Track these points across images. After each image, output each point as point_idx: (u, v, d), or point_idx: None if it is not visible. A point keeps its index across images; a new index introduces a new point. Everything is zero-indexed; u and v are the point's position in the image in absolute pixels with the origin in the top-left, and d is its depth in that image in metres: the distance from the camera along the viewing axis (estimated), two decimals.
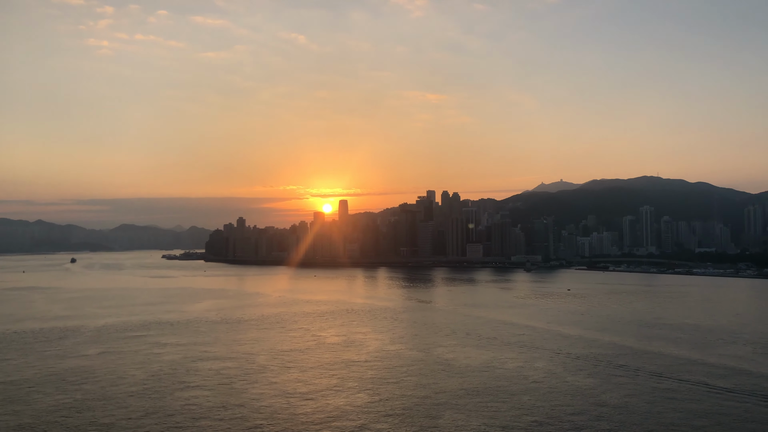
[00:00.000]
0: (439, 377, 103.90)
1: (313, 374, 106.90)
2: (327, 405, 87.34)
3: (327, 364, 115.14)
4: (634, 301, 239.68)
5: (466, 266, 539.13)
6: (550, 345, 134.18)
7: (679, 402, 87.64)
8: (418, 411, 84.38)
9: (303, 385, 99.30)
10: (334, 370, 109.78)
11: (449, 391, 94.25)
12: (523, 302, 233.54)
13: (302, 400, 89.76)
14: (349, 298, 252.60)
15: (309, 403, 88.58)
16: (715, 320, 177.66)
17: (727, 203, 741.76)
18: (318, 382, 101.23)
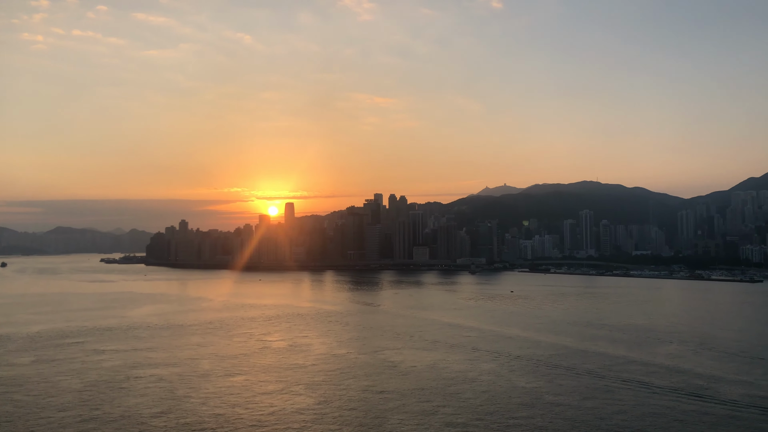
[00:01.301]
0: (386, 380, 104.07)
1: (258, 379, 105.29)
2: (272, 410, 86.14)
3: (272, 369, 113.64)
4: (574, 302, 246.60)
5: (412, 269, 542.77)
6: (495, 346, 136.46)
7: (617, 400, 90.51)
8: (364, 413, 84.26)
9: (248, 390, 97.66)
10: (279, 375, 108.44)
11: (395, 393, 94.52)
12: (468, 304, 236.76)
13: (247, 406, 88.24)
14: (295, 302, 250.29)
15: (254, 408, 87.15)
16: (652, 320, 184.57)
17: (662, 208, 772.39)
18: (263, 387, 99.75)
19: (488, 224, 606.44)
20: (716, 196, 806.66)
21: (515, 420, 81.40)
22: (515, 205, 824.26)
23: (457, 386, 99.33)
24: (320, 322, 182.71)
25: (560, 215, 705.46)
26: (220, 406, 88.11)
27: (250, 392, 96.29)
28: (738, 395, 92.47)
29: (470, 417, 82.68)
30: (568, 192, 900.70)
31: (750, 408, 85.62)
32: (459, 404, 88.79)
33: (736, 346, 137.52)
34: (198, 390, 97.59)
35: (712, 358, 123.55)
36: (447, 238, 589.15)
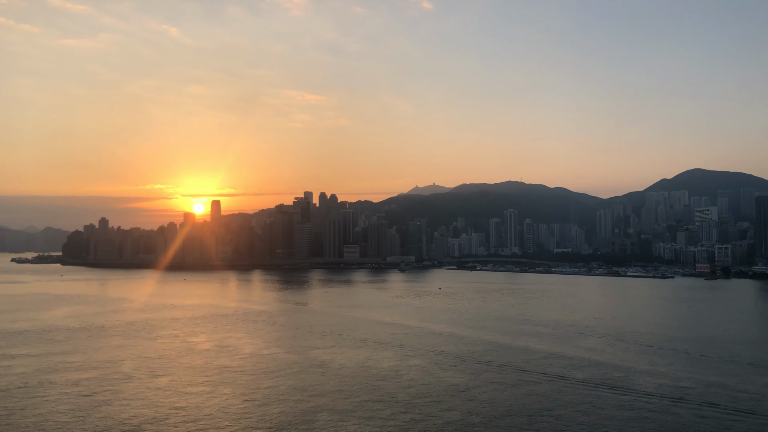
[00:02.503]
0: (315, 379, 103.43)
1: (184, 381, 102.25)
2: (199, 413, 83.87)
3: (198, 371, 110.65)
4: (499, 298, 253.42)
5: (342, 267, 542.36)
6: (423, 343, 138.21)
7: (541, 394, 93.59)
8: (292, 413, 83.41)
9: (173, 393, 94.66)
10: (206, 377, 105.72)
11: (325, 393, 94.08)
12: (397, 302, 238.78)
13: (172, 409, 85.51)
14: (221, 301, 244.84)
15: (179, 411, 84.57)
16: (572, 315, 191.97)
17: (581, 207, 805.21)
18: (189, 389, 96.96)
19: (418, 223, 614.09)
20: (632, 197, 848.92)
21: (442, 415, 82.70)
22: (444, 204, 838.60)
23: (386, 383, 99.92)
24: (248, 322, 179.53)
25: (487, 214, 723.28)
26: (143, 409, 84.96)
27: (175, 394, 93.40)
28: (651, 386, 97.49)
29: (398, 413, 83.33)
30: (494, 192, 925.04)
31: (662, 398, 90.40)
32: (388, 401, 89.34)
33: (650, 339, 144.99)
34: (119, 393, 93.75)
35: (628, 350, 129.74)
36: (377, 236, 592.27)
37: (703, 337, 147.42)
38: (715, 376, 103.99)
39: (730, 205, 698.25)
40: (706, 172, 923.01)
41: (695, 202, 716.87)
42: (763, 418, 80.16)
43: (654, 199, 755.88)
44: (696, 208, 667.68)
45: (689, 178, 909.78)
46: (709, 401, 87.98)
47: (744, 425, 77.84)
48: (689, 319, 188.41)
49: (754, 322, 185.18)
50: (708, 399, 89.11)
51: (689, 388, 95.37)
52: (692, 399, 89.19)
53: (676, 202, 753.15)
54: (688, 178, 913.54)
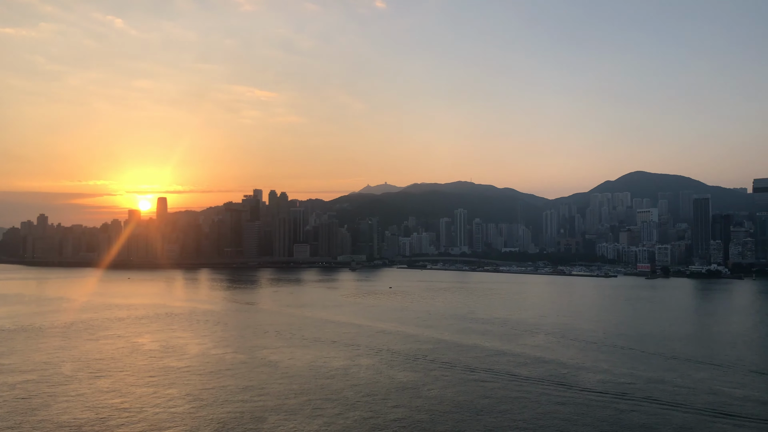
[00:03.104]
0: (264, 379, 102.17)
1: (128, 383, 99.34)
2: (144, 415, 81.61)
3: (143, 372, 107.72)
4: (449, 297, 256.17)
5: (293, 266, 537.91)
6: (374, 342, 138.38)
7: (488, 391, 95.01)
8: (241, 414, 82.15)
9: (116, 395, 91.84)
10: (151, 378, 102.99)
11: (274, 393, 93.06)
12: (348, 301, 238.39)
13: (115, 411, 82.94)
14: (167, 301, 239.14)
15: (123, 414, 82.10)
16: (520, 313, 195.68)
17: (529, 207, 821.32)
18: (133, 391, 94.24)
19: (369, 222, 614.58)
20: (577, 198, 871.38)
21: (391, 411, 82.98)
22: (395, 204, 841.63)
23: (335, 382, 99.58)
24: (195, 321, 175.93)
25: (437, 214, 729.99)
26: (85, 412, 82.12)
27: (118, 396, 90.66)
28: (595, 382, 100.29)
29: (347, 411, 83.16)
30: (445, 191, 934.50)
31: (605, 394, 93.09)
32: (337, 399, 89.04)
33: (594, 336, 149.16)
34: (59, 396, 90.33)
35: (573, 347, 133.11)
36: (328, 235, 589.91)
37: (644, 334, 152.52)
38: (656, 372, 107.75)
39: (669, 207, 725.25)
40: (648, 175, 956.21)
41: (637, 204, 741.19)
42: (698, 413, 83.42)
43: (598, 201, 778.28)
44: (638, 210, 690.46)
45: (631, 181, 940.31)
46: (649, 396, 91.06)
47: (681, 419, 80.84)
48: (631, 316, 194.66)
49: (690, 320, 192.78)
50: (648, 394, 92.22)
51: (631, 384, 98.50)
52: (634, 395, 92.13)
53: (619, 203, 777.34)
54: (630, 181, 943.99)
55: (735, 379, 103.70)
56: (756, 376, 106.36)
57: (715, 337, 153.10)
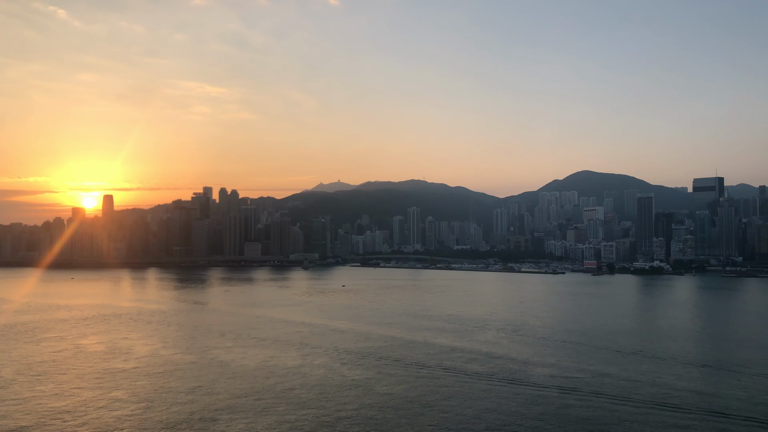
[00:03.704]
0: (215, 380, 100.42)
1: (72, 386, 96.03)
2: (87, 418, 79.04)
3: (87, 375, 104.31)
4: (402, 294, 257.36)
5: (243, 265, 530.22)
6: (327, 340, 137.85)
7: (439, 387, 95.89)
8: (191, 415, 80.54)
9: (59, 398, 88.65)
10: (97, 381, 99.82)
11: (225, 393, 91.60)
12: (300, 300, 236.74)
13: (57, 415, 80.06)
14: (113, 301, 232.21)
15: (66, 417, 79.33)
16: (472, 310, 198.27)
17: (480, 206, 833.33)
18: (78, 394, 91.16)
19: (322, 220, 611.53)
20: (527, 196, 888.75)
21: (346, 411, 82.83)
22: (348, 202, 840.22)
23: (289, 382, 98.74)
24: (142, 322, 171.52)
25: (390, 212, 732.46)
26: (25, 416, 78.95)
27: (61, 399, 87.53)
28: (544, 376, 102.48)
29: (302, 412, 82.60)
30: (398, 190, 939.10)
31: (552, 388, 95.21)
32: (291, 400, 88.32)
33: (543, 332, 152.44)
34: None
35: (523, 343, 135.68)
36: (280, 233, 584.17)
37: (590, 329, 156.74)
38: (602, 366, 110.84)
39: (615, 205, 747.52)
40: (594, 174, 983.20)
41: (584, 202, 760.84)
42: (641, 404, 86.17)
43: (546, 199, 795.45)
44: (584, 208, 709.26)
45: (579, 180, 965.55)
46: (596, 390, 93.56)
47: (626, 412, 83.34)
48: (578, 312, 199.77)
49: (634, 315, 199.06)
50: (595, 388, 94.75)
51: (579, 378, 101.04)
52: (581, 389, 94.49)
53: (566, 201, 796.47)
54: (577, 180, 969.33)
55: (676, 371, 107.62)
56: (695, 368, 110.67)
57: (657, 331, 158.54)
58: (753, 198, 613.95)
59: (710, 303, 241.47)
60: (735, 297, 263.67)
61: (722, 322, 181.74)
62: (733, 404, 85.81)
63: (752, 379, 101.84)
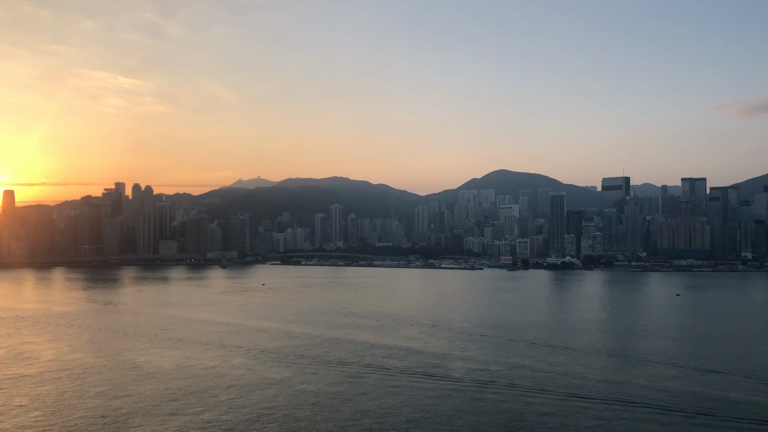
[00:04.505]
0: (128, 383, 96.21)
1: None
2: None
3: None
4: (324, 292, 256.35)
5: (158, 264, 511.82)
6: (246, 340, 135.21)
7: (363, 385, 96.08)
8: (101, 420, 76.74)
9: None
10: None
11: (138, 396, 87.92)
12: (218, 299, 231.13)
13: None
14: (15, 303, 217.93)
15: None
16: (393, 306, 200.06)
17: (402, 203, 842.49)
18: None
19: (241, 217, 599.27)
20: (447, 194, 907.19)
21: (265, 410, 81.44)
22: (269, 199, 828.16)
23: (206, 382, 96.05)
24: (48, 325, 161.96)
25: (312, 209, 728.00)
26: None
27: None
28: (463, 371, 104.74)
29: (219, 413, 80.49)
30: (320, 186, 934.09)
31: (472, 382, 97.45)
32: (209, 401, 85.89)
33: (463, 326, 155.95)
34: None
35: (444, 338, 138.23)
36: (197, 231, 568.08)
37: (506, 323, 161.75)
38: (518, 358, 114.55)
39: (529, 203, 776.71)
40: (510, 173, 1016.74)
41: (500, 200, 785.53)
42: (555, 395, 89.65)
43: (465, 197, 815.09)
44: (501, 206, 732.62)
45: (496, 178, 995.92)
46: (512, 383, 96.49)
47: (541, 404, 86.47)
48: (495, 306, 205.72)
49: (547, 308, 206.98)
50: (511, 381, 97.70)
51: (496, 371, 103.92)
52: (498, 381, 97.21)
53: (484, 199, 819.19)
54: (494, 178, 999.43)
55: (587, 362, 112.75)
56: (604, 359, 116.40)
57: (569, 324, 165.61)
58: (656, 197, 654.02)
59: (617, 296, 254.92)
60: (639, 290, 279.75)
61: (627, 314, 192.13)
62: (637, 392, 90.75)
63: (655, 367, 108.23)
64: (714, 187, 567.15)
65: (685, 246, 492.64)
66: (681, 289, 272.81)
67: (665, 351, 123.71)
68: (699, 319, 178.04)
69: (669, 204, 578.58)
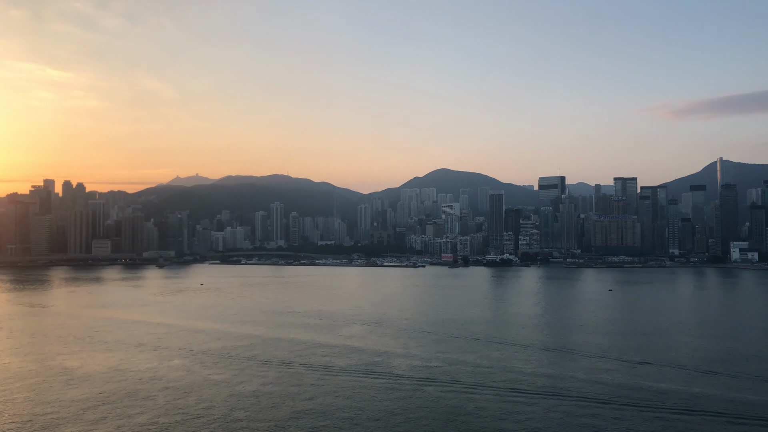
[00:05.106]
0: (58, 388, 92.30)
1: None
2: None
3: None
4: (265, 292, 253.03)
5: (91, 264, 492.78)
6: (185, 341, 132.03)
7: (304, 384, 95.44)
8: (31, 429, 73.35)
9: None
10: None
11: (72, 402, 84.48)
12: (155, 299, 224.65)
13: None
14: None
15: None
16: (336, 305, 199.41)
17: (344, 201, 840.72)
18: None
19: (179, 215, 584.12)
20: (389, 192, 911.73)
21: (205, 412, 79.71)
22: (208, 196, 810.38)
23: (142, 386, 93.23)
24: None
25: (253, 207, 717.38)
26: None
27: None
28: (405, 368, 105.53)
29: (156, 415, 78.25)
30: (261, 184, 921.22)
31: (412, 378, 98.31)
32: (144, 404, 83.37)
33: (405, 324, 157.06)
34: None
35: (386, 336, 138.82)
36: (132, 230, 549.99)
37: (448, 319, 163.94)
38: (459, 354, 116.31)
39: (470, 202, 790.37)
40: (451, 172, 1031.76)
41: (442, 199, 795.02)
42: (495, 390, 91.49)
43: (408, 195, 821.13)
44: (442, 204, 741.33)
45: (437, 177, 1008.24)
46: (453, 378, 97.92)
47: (481, 399, 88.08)
48: (437, 303, 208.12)
49: (487, 304, 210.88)
50: (453, 377, 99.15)
51: (437, 367, 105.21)
52: (439, 377, 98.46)
53: (426, 198, 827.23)
54: (436, 177, 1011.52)
55: (525, 356, 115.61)
56: (541, 353, 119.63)
57: (508, 319, 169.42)
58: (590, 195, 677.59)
59: (553, 292, 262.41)
60: (574, 286, 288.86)
61: (563, 309, 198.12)
62: (573, 385, 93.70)
63: (589, 360, 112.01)
64: (644, 187, 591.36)
65: (617, 243, 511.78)
66: (613, 285, 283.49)
67: (598, 344, 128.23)
68: (630, 313, 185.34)
69: (602, 202, 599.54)
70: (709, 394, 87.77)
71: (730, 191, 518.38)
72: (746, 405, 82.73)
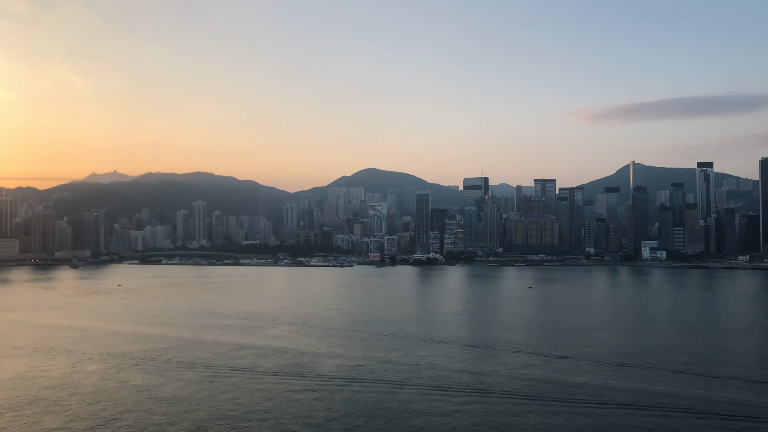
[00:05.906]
0: None
1: None
2: None
3: None
4: (187, 292, 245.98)
5: None
6: (102, 345, 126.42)
7: (227, 386, 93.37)
8: None
9: None
10: None
11: None
12: (69, 302, 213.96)
13: None
14: None
15: None
16: (261, 306, 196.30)
17: (270, 200, 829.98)
18: None
19: (94, 213, 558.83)
20: (316, 191, 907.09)
21: (125, 418, 76.57)
22: (126, 194, 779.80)
23: (55, 393, 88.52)
24: None
25: (174, 205, 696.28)
26: None
27: None
28: (332, 368, 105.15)
29: (71, 422, 74.46)
30: (183, 182, 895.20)
31: (339, 378, 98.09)
32: (54, 409, 79.23)
33: (332, 323, 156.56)
34: None
35: (314, 336, 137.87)
36: (43, 228, 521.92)
37: (375, 318, 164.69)
38: (386, 353, 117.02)
39: (397, 201, 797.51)
40: (379, 172, 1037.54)
41: (369, 198, 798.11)
42: (417, 387, 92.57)
43: (335, 195, 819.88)
44: (370, 203, 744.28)
45: (365, 177, 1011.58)
46: (379, 377, 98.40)
47: (407, 396, 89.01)
48: (364, 302, 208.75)
49: (413, 302, 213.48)
50: (379, 375, 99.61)
51: (363, 367, 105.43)
52: (366, 377, 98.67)
53: (354, 197, 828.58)
54: (364, 177, 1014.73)
55: (450, 353, 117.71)
56: (465, 350, 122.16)
57: (433, 317, 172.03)
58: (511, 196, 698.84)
59: (476, 289, 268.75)
60: (496, 284, 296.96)
61: (486, 306, 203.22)
62: (495, 380, 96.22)
63: (510, 356, 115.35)
64: (562, 188, 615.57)
65: (537, 242, 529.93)
66: (533, 282, 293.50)
67: (520, 340, 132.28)
68: (549, 309, 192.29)
69: (523, 203, 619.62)
70: (622, 387, 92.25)
71: (641, 193, 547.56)
72: (656, 396, 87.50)
